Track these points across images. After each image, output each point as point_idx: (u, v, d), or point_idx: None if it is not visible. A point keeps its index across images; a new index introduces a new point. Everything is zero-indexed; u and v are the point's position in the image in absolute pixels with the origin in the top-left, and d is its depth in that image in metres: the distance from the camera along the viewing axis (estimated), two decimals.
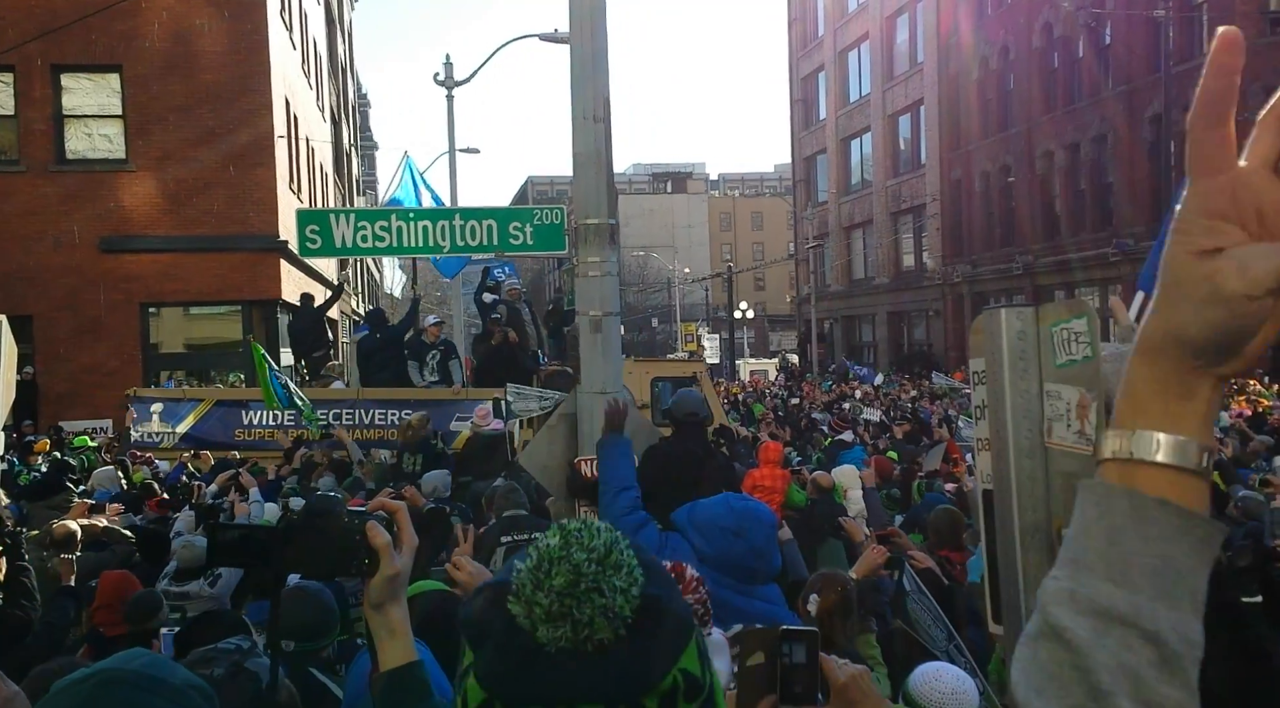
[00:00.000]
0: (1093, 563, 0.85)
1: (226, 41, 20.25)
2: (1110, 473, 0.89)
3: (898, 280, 42.36)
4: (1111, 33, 28.57)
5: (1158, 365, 0.88)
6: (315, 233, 10.16)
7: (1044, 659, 0.86)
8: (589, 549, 1.17)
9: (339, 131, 39.23)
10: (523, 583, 1.16)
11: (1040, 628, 0.87)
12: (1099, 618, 0.83)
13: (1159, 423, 0.87)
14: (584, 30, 6.39)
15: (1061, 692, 0.83)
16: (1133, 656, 0.82)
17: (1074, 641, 0.83)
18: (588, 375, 6.47)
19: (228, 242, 20.05)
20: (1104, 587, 0.84)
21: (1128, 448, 0.87)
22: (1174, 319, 0.86)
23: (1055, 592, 0.87)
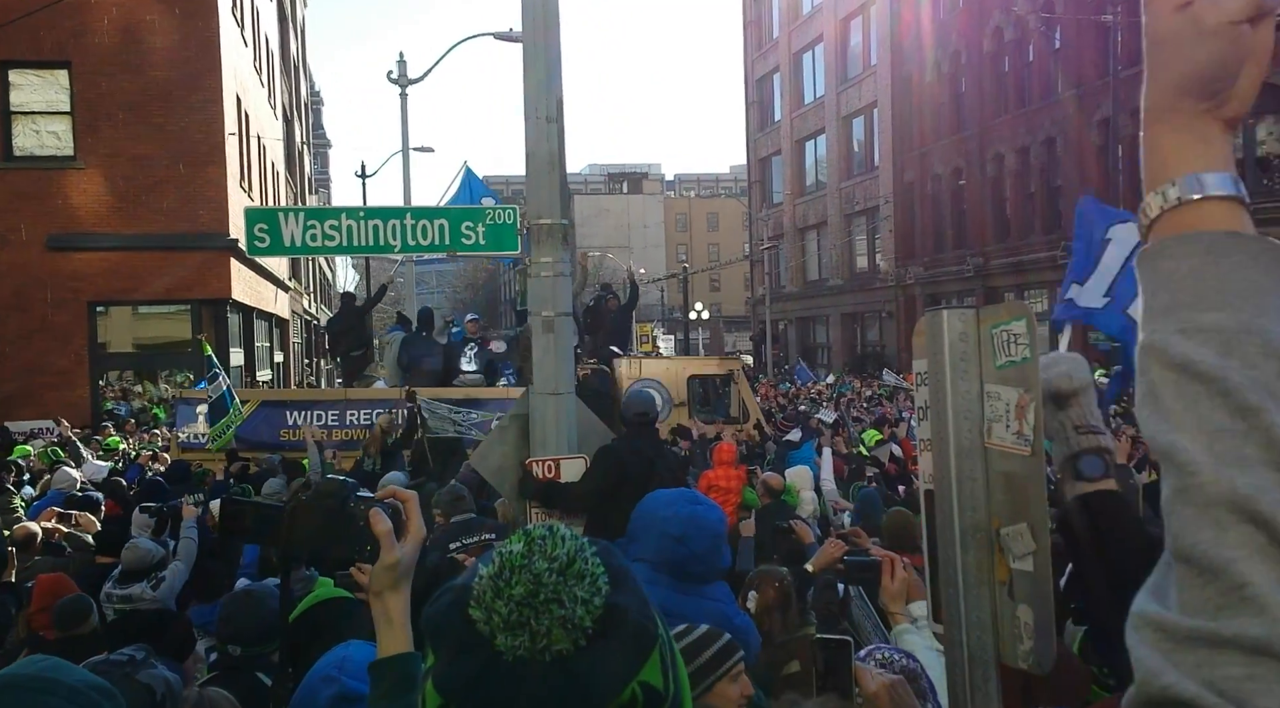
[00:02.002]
0: (1188, 301, 0.88)
1: (177, 38, 19.98)
2: (1166, 229, 0.95)
3: (852, 282, 42.69)
4: (1061, 37, 28.99)
5: (1169, 122, 0.98)
6: (264, 231, 10.07)
7: (1174, 400, 0.86)
8: (551, 558, 1.14)
9: (291, 129, 38.83)
10: (483, 590, 1.14)
11: (1162, 374, 0.88)
12: (1219, 341, 0.85)
13: (1193, 167, 0.95)
14: (536, 30, 6.39)
15: (1204, 420, 0.84)
16: (1260, 371, 0.84)
17: (1206, 369, 0.85)
18: (540, 376, 6.45)
19: (177, 240, 19.79)
20: (1208, 316, 0.87)
21: (1175, 195, 0.95)
22: (1168, 72, 0.97)
23: (1165, 338, 0.89)
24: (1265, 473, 0.80)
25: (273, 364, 28.85)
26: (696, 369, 14.70)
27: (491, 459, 6.55)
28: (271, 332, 29.07)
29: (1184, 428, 0.85)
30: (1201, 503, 0.82)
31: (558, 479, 6.02)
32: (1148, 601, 0.85)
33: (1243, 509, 0.80)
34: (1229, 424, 0.83)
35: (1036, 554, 2.36)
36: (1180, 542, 0.83)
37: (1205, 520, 0.81)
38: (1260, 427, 0.81)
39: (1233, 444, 0.82)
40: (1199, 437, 0.83)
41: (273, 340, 29.29)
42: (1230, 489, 0.80)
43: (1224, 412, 0.83)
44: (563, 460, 6.10)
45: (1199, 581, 0.81)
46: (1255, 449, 0.81)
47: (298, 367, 36.32)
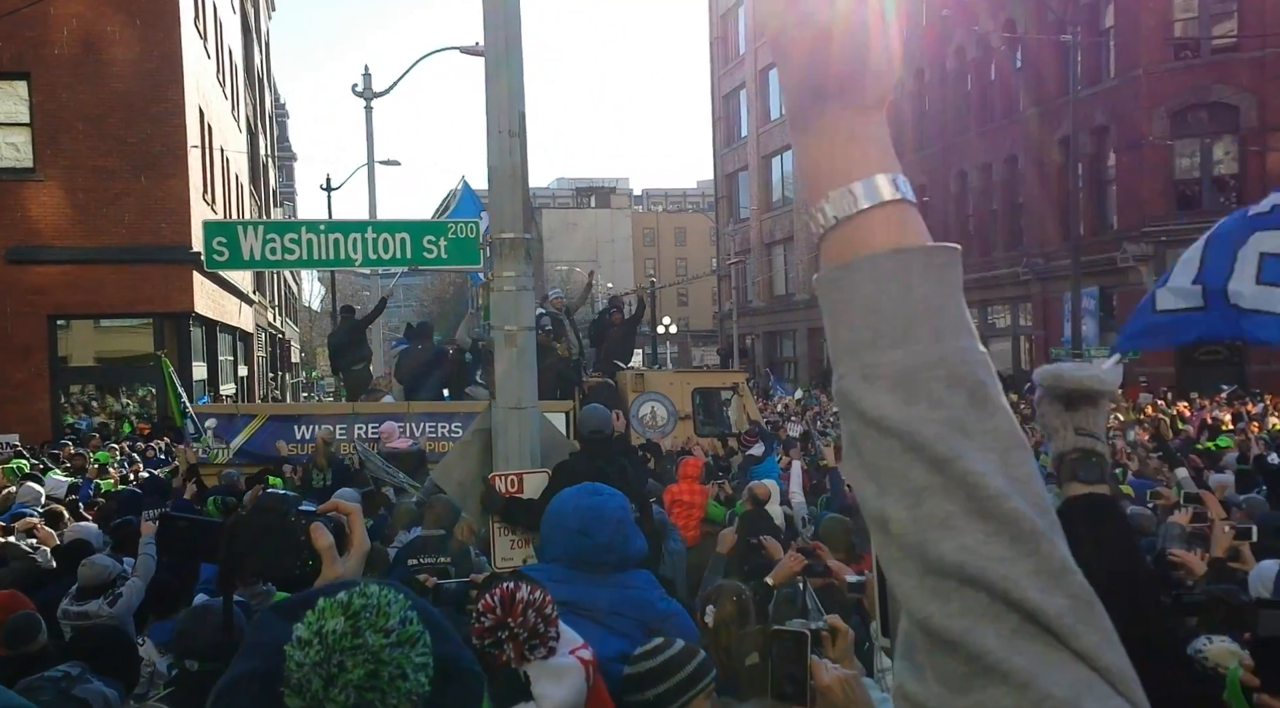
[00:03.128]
0: (865, 341, 0.81)
1: (138, 49, 19.82)
2: (832, 252, 0.86)
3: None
4: (1023, 56, 29.37)
5: (815, 129, 0.88)
6: (223, 245, 10.00)
7: (872, 456, 0.80)
8: (384, 630, 1.05)
9: (256, 142, 38.58)
10: (306, 679, 1.02)
11: (856, 428, 0.81)
12: (899, 387, 0.79)
13: (846, 176, 0.86)
14: (499, 44, 6.38)
15: (903, 479, 0.78)
16: (948, 409, 0.78)
17: (892, 423, 0.78)
18: (503, 390, 6.42)
19: (139, 253, 19.59)
20: (887, 355, 0.79)
21: (831, 213, 0.86)
22: (801, 75, 0.88)
23: (851, 386, 0.82)
24: (971, 526, 0.75)
25: (236, 378, 28.59)
26: (700, 382, 14.64)
27: (454, 474, 6.51)
28: (235, 345, 28.82)
29: (889, 491, 0.79)
30: (918, 574, 0.77)
31: (520, 494, 5.99)
32: (905, 671, 0.80)
33: (958, 576, 0.75)
34: (927, 480, 0.77)
35: None
36: (911, 613, 0.78)
37: (926, 592, 0.76)
38: (956, 476, 0.76)
39: (935, 504, 0.76)
40: (902, 499, 0.78)
41: (237, 354, 29.03)
42: (939, 556, 0.75)
43: (920, 467, 0.77)
44: (526, 475, 6.07)
45: (941, 652, 0.76)
46: (957, 504, 0.76)
47: (262, 380, 36.02)
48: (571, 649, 2.62)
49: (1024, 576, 0.74)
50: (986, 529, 0.75)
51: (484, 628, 2.53)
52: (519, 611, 2.52)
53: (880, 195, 0.85)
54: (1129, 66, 25.41)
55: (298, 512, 1.75)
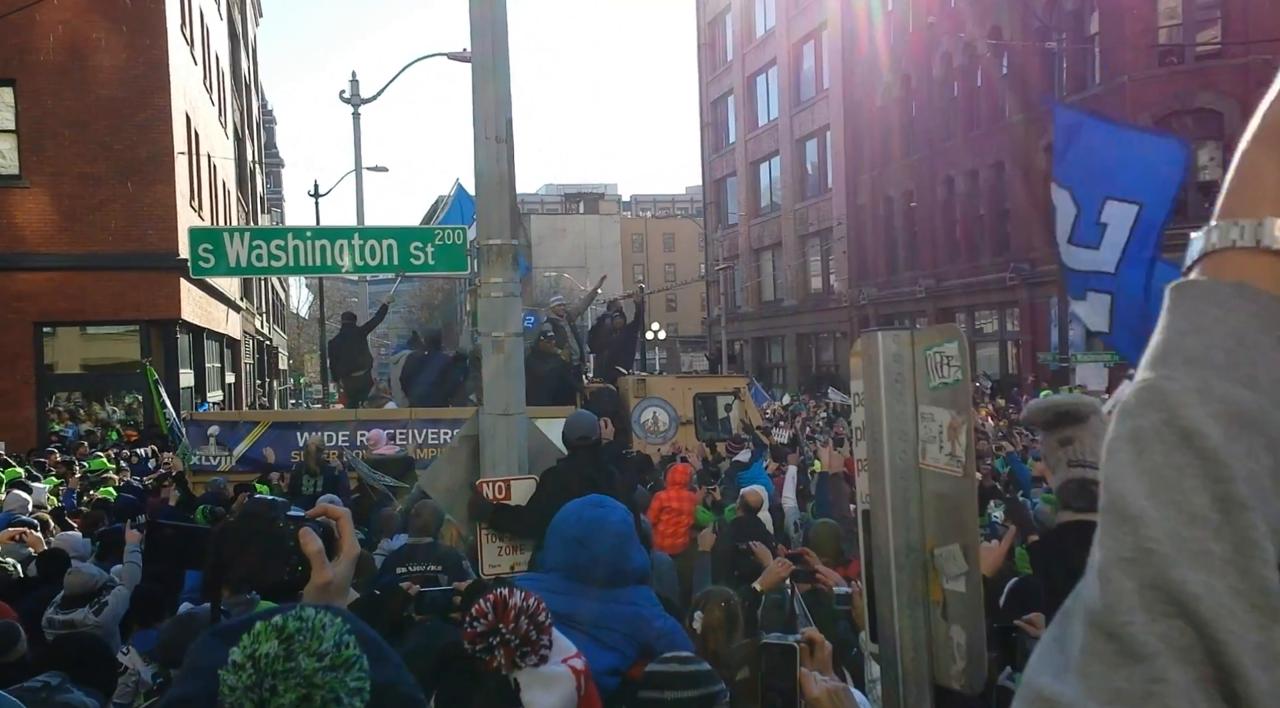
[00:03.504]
0: (1219, 363, 0.78)
1: (125, 55, 19.78)
2: (1221, 268, 0.83)
3: (806, 302, 42.99)
4: (1009, 63, 29.50)
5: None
6: (208, 252, 9.99)
7: (1161, 463, 0.77)
8: (318, 654, 1.03)
9: (243, 148, 38.50)
10: (239, 703, 1.01)
11: (1158, 429, 0.78)
12: (1231, 422, 0.76)
13: None
14: (486, 50, 6.40)
15: (1181, 498, 0.75)
16: (1258, 465, 0.76)
17: (1207, 447, 0.76)
18: (490, 397, 6.43)
19: (125, 260, 19.53)
20: (1235, 389, 0.77)
21: (1253, 236, 0.82)
22: None
23: (1180, 392, 0.79)
24: (1225, 574, 0.73)
25: (224, 385, 28.50)
26: (702, 388, 14.65)
27: (441, 480, 6.51)
28: (223, 352, 28.73)
29: (1158, 496, 0.76)
30: (1143, 582, 0.75)
31: (508, 500, 5.99)
32: (1042, 673, 0.78)
33: (1185, 605, 0.73)
34: (1207, 512, 0.75)
35: (968, 575, 2.40)
36: (1113, 614, 0.76)
37: (1142, 601, 0.74)
38: (1237, 525, 0.74)
39: (1202, 535, 0.75)
40: (1171, 514, 0.76)
41: (224, 361, 28.94)
42: (1180, 581, 0.74)
43: (1207, 497, 0.75)
44: (513, 481, 6.07)
45: (1116, 657, 0.74)
46: (1224, 547, 0.74)
47: (249, 387, 35.90)
48: (564, 658, 2.63)
49: (1249, 644, 0.72)
50: (1238, 586, 0.73)
51: (475, 633, 2.53)
52: (511, 617, 2.53)
53: (1266, 241, 0.81)
54: (1114, 73, 25.54)
55: (286, 517, 1.73)
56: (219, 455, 12.20)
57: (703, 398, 14.22)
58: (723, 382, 15.65)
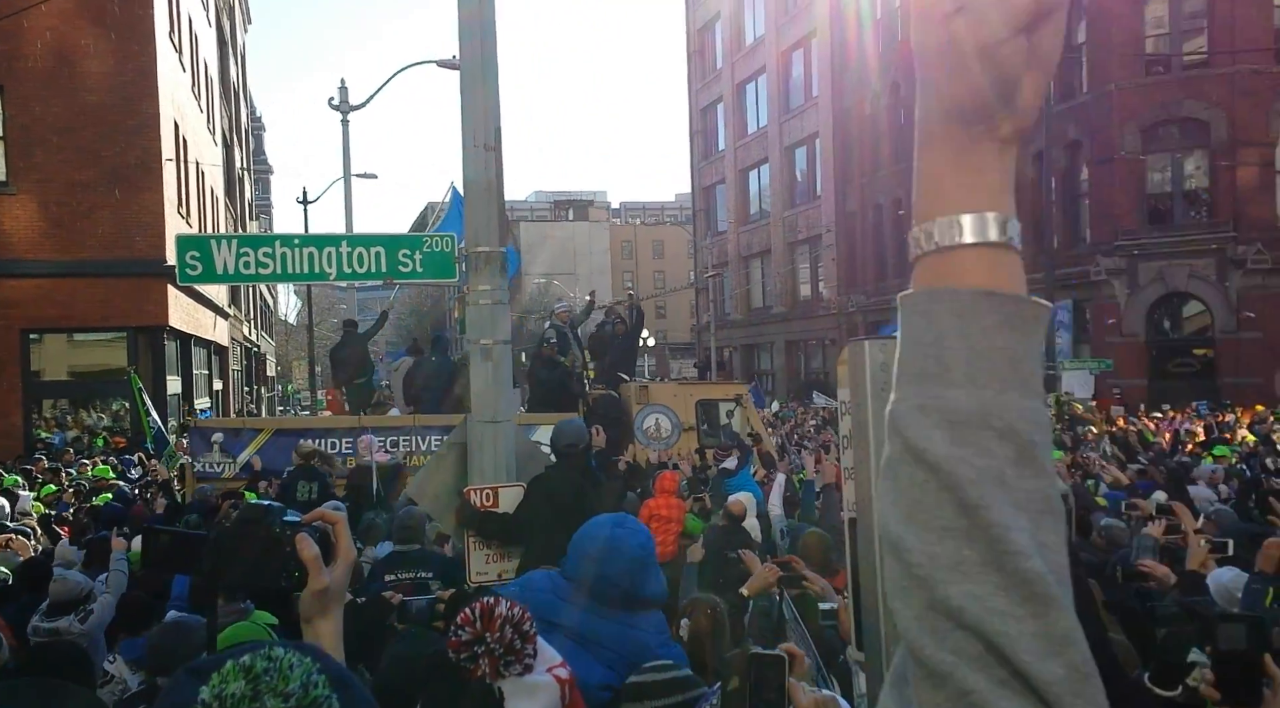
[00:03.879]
0: (932, 372, 0.81)
1: (113, 62, 19.73)
2: (924, 275, 0.85)
3: (795, 309, 43.05)
4: None
5: (940, 149, 0.85)
6: (195, 259, 9.91)
7: (906, 484, 0.80)
8: (284, 694, 1.02)
9: (231, 155, 38.43)
10: None
11: (898, 453, 0.82)
12: (953, 427, 0.79)
13: (958, 205, 0.83)
14: (475, 58, 6.40)
15: (930, 515, 0.78)
16: (992, 459, 0.78)
17: (934, 459, 0.79)
18: (478, 404, 6.42)
19: (112, 266, 19.46)
20: (950, 393, 0.80)
21: (933, 239, 0.84)
22: (937, 93, 0.84)
23: (905, 412, 0.82)
24: (983, 576, 0.76)
25: (211, 392, 28.40)
26: (704, 394, 14.71)
27: (429, 488, 6.50)
28: (210, 359, 28.63)
29: (913, 520, 0.79)
30: (920, 606, 0.78)
31: (495, 508, 5.98)
32: (891, 700, 0.82)
33: (958, 619, 0.76)
34: (953, 521, 0.77)
35: None
36: (908, 641, 0.80)
37: (924, 625, 0.78)
38: (983, 525, 0.76)
39: (954, 546, 0.77)
40: (924, 534, 0.78)
41: (211, 368, 28.84)
42: (945, 596, 0.76)
43: (950, 507, 0.78)
44: (501, 489, 6.06)
45: (928, 683, 0.78)
46: (976, 551, 0.76)
47: (237, 394, 35.79)
48: (549, 667, 2.62)
49: (1025, 636, 0.75)
50: (999, 582, 0.76)
51: (460, 642, 2.53)
52: (497, 625, 2.52)
53: (987, 235, 0.83)
54: (1101, 82, 25.66)
55: (282, 523, 1.72)
56: (223, 462, 12.18)
57: (705, 405, 14.28)
58: (724, 388, 15.70)
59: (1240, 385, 22.88)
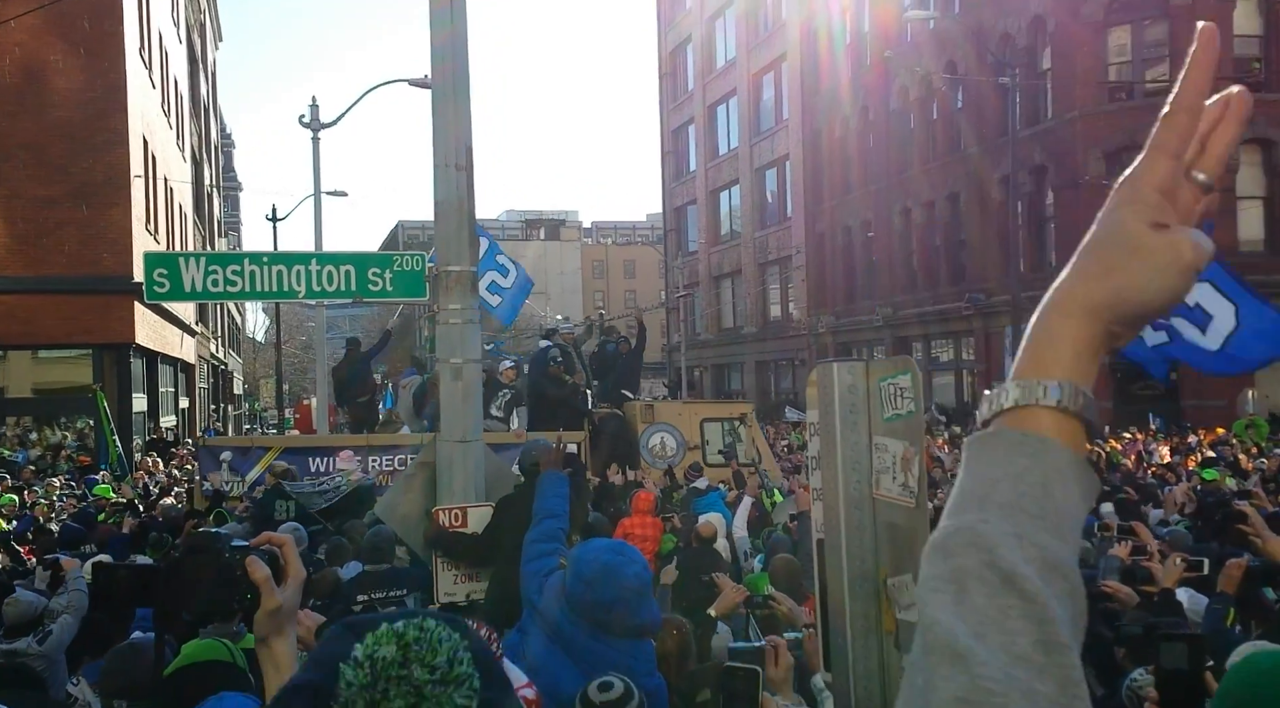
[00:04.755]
0: (1033, 511, 0.84)
1: (82, 79, 19.61)
2: (1024, 422, 0.89)
3: (765, 330, 43.21)
4: (964, 97, 29.97)
5: (1089, 326, 0.90)
6: (163, 276, 9.87)
7: (982, 604, 0.81)
8: (431, 667, 1.08)
9: (201, 172, 38.20)
10: (352, 699, 1.05)
11: (976, 567, 0.82)
12: (1044, 567, 0.82)
13: (1077, 377, 0.89)
14: (446, 77, 6.41)
15: (1006, 639, 0.79)
16: (1067, 610, 0.82)
17: (1030, 588, 0.80)
18: (448, 423, 6.40)
19: (79, 283, 19.28)
20: (1047, 537, 0.83)
21: (1055, 397, 0.88)
22: (1130, 284, 0.89)
23: (998, 535, 0.83)
24: None
25: (178, 410, 28.14)
26: (709, 413, 14.77)
27: (398, 508, 6.46)
28: (177, 377, 28.38)
29: (985, 637, 0.79)
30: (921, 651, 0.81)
31: (464, 528, 5.95)
32: None
33: None
34: (1031, 653, 0.79)
35: None
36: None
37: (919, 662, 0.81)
38: (1060, 665, 0.79)
39: (1029, 675, 0.78)
40: (1000, 655, 0.79)
41: (178, 386, 28.58)
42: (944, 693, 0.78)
43: (1031, 639, 0.79)
44: (470, 509, 6.04)
45: None
46: (1049, 687, 0.78)
47: (204, 413, 35.45)
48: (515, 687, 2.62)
49: None
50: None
51: None
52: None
53: (1066, 403, 0.89)
54: (1066, 108, 26.02)
55: (231, 548, 1.76)
56: (231, 481, 12.11)
57: (709, 423, 14.36)
58: (729, 407, 15.81)
59: (1203, 408, 23.16)
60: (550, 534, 4.42)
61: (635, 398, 14.98)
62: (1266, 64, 25.23)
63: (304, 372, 61.87)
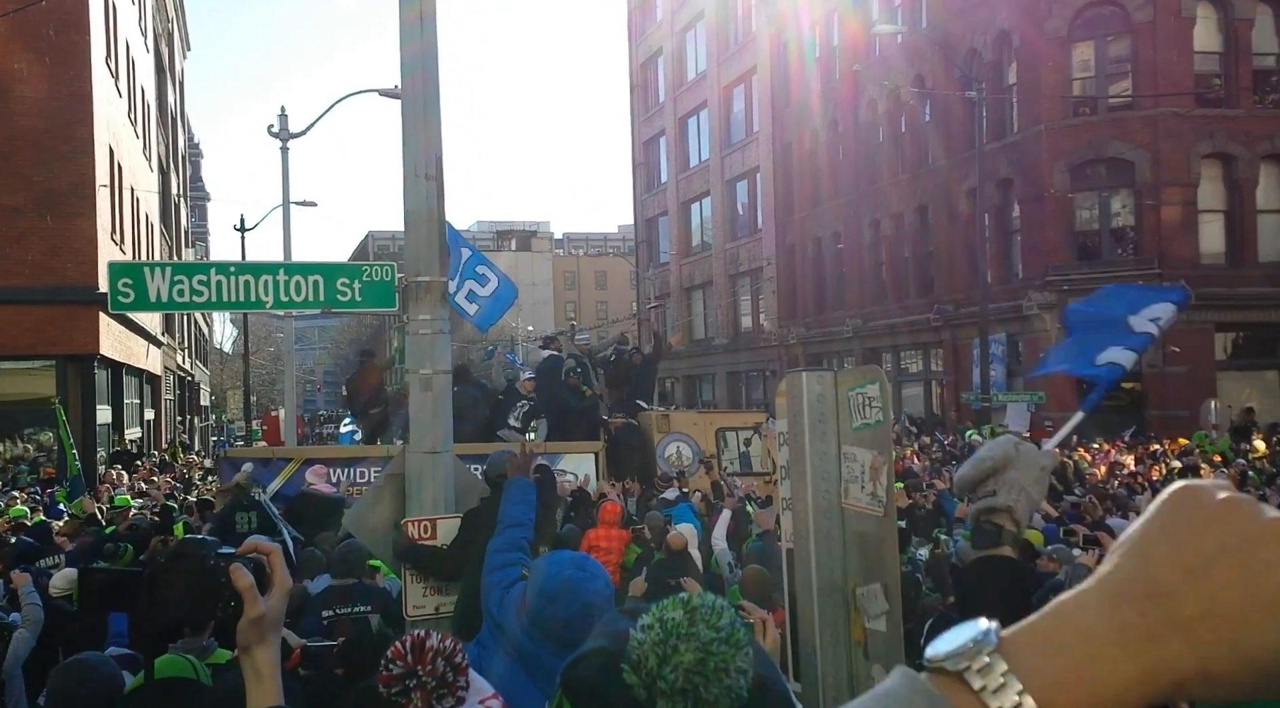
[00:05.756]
0: None
1: (47, 87, 19.42)
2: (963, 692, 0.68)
3: (736, 341, 43.33)
4: (931, 111, 30.24)
5: (1125, 633, 0.67)
6: (128, 286, 9.76)
7: None
8: (716, 628, 1.18)
9: (167, 181, 37.88)
10: (645, 655, 1.17)
11: None
12: None
13: None
14: (416, 87, 6.39)
15: None
16: None
17: None
18: (417, 435, 6.35)
19: (43, 293, 19.05)
20: None
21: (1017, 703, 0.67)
22: (1244, 639, 0.64)
23: None
24: None
25: (143, 422, 27.83)
26: (724, 423, 14.87)
27: (366, 520, 6.41)
28: (142, 388, 28.08)
29: None
30: None
31: (433, 540, 5.92)
32: None
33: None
34: None
35: (889, 614, 2.43)
36: None
37: None
38: None
39: None
40: None
41: (143, 397, 28.27)
42: None
43: None
44: (439, 520, 6.00)
45: None
46: None
47: (169, 424, 35.08)
48: (481, 699, 2.61)
49: None
50: None
51: (392, 676, 2.51)
52: (429, 658, 2.51)
53: None
54: (1031, 122, 26.31)
55: (217, 555, 1.74)
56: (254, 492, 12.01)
57: (724, 433, 14.44)
58: (743, 417, 15.97)
59: (1166, 418, 23.43)
60: (513, 543, 4.39)
61: (650, 408, 15.14)
62: (1226, 80, 25.63)
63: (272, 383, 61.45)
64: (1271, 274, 25.12)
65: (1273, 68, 25.92)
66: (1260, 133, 25.09)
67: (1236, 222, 25.42)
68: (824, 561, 2.49)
